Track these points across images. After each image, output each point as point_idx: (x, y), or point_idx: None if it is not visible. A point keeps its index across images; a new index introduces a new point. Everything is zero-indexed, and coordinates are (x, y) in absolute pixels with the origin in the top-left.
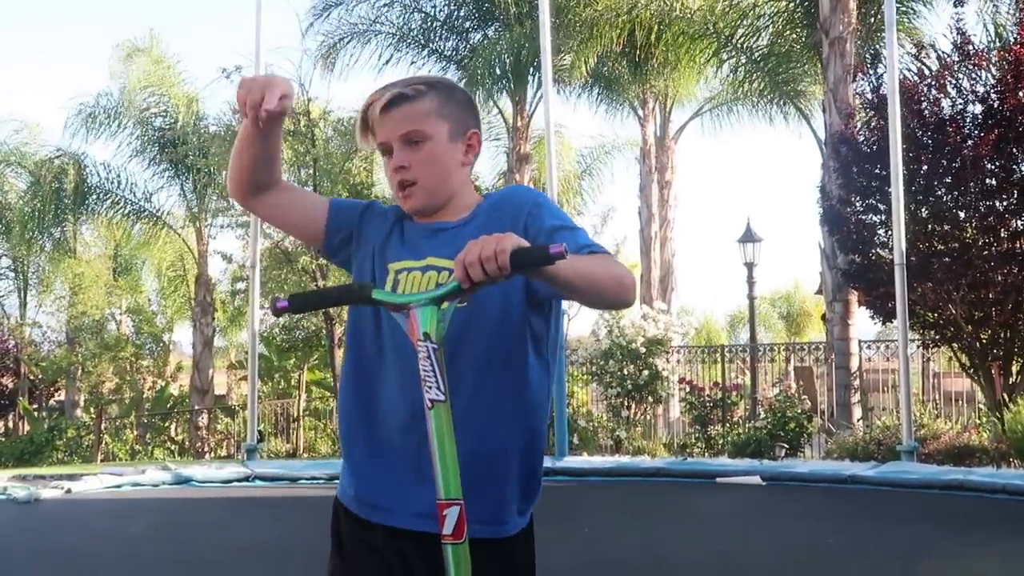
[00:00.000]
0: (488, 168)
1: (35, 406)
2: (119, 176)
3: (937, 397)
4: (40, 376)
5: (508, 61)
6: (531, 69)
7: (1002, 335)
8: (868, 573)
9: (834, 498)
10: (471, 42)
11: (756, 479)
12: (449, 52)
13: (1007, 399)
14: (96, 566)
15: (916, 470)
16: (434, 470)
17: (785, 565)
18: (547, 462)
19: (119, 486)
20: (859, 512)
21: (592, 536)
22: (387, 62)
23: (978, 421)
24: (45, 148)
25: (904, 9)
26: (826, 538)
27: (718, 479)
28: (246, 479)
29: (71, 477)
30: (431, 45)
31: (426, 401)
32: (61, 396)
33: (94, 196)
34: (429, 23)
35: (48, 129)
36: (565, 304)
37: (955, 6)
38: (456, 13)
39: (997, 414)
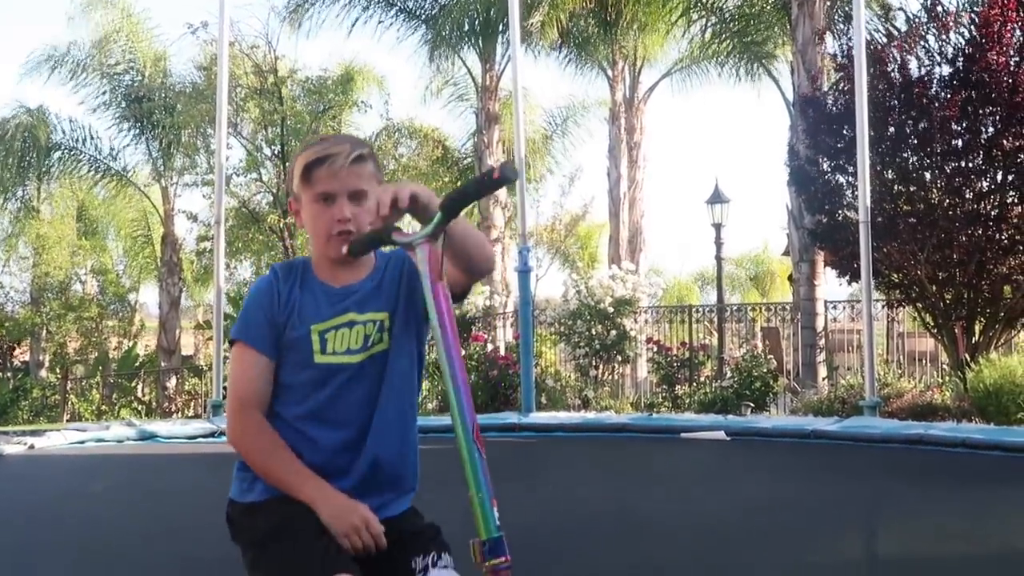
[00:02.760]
0: (458, 128)
1: (1, 366)
2: (85, 132)
3: (901, 357)
4: (4, 336)
5: (478, 19)
6: (500, 27)
7: (966, 295)
8: (829, 524)
9: (797, 452)
10: (439, 1)
11: (720, 434)
12: (417, 10)
13: (969, 359)
14: (58, 523)
15: (878, 425)
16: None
17: (747, 516)
18: (513, 418)
19: (83, 442)
20: (821, 466)
21: (558, 490)
22: (356, 21)
23: (941, 380)
24: (5, 105)
25: None
26: (788, 491)
27: (683, 434)
28: (212, 435)
29: (34, 433)
30: (399, 4)
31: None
32: (26, 356)
33: (58, 153)
34: None
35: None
36: (533, 262)
37: None
38: None
39: (960, 373)
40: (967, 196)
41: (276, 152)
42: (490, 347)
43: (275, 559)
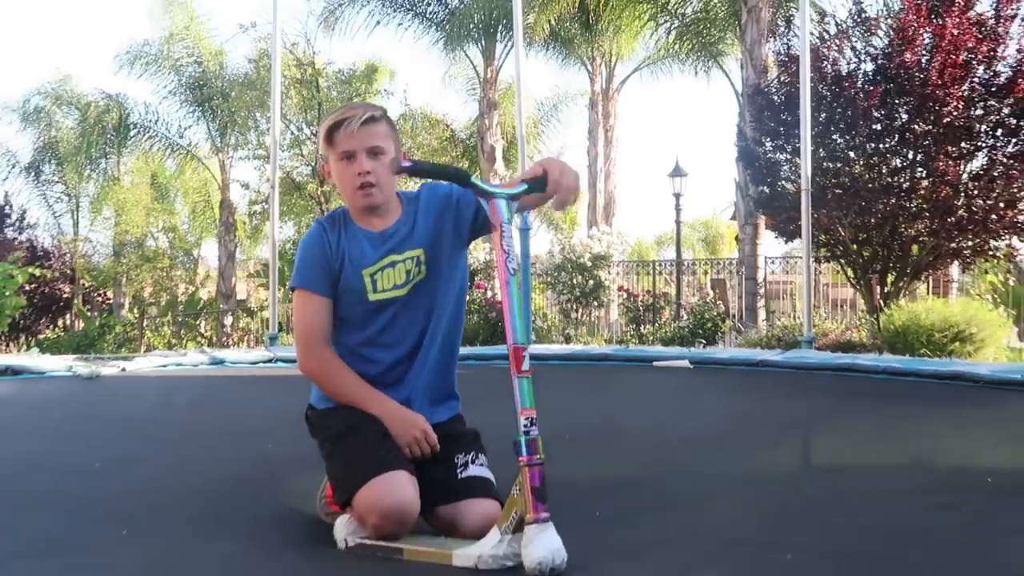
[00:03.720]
0: (462, 113)
1: (88, 308)
2: (156, 115)
3: (825, 303)
4: (92, 283)
5: (480, 22)
6: (499, 28)
7: (881, 253)
8: (776, 434)
9: (748, 377)
10: (449, 6)
11: (685, 363)
12: (430, 15)
13: (882, 305)
14: (152, 429)
15: (814, 356)
16: (510, 323)
17: (709, 426)
18: None
19: (165, 366)
20: (768, 388)
21: (552, 406)
22: (378, 23)
23: (858, 322)
24: (91, 92)
25: None
26: (742, 407)
27: (654, 363)
28: (269, 361)
29: (125, 359)
30: (415, 9)
31: (509, 269)
32: (110, 299)
33: (135, 131)
34: None
35: (88, 76)
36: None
37: None
38: None
39: (874, 317)
40: (883, 172)
41: (314, 132)
42: (489, 294)
43: (346, 451)
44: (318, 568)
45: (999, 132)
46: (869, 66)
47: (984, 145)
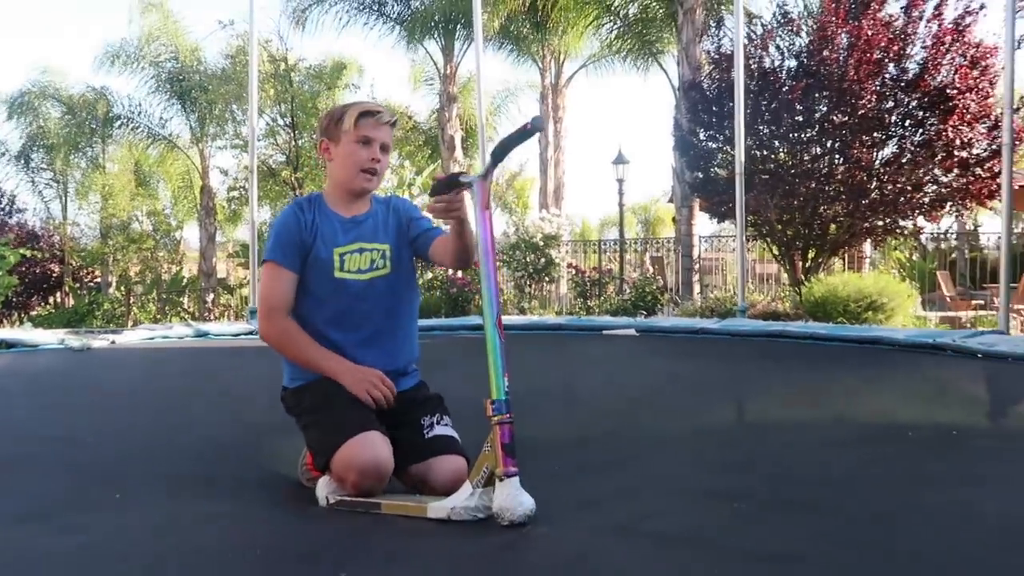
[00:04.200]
0: (423, 106)
1: (78, 286)
2: (139, 107)
3: (753, 278)
4: (81, 263)
5: (439, 21)
6: (457, 27)
7: (803, 232)
8: (716, 394)
9: (689, 343)
10: (412, 7)
11: (632, 331)
12: (395, 15)
13: (804, 278)
14: (142, 397)
15: (748, 324)
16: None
17: (655, 388)
18: (478, 320)
19: (152, 338)
20: (707, 353)
21: (512, 372)
22: (345, 23)
23: (783, 294)
24: (77, 85)
25: None
26: (685, 370)
27: (603, 331)
28: (250, 333)
29: (115, 331)
30: (380, 10)
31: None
32: (98, 278)
33: (119, 123)
34: None
35: (73, 69)
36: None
37: None
38: None
39: (796, 289)
40: (805, 158)
41: (287, 123)
42: (449, 272)
43: (321, 421)
44: (302, 524)
45: (907, 123)
46: (792, 63)
47: (894, 134)
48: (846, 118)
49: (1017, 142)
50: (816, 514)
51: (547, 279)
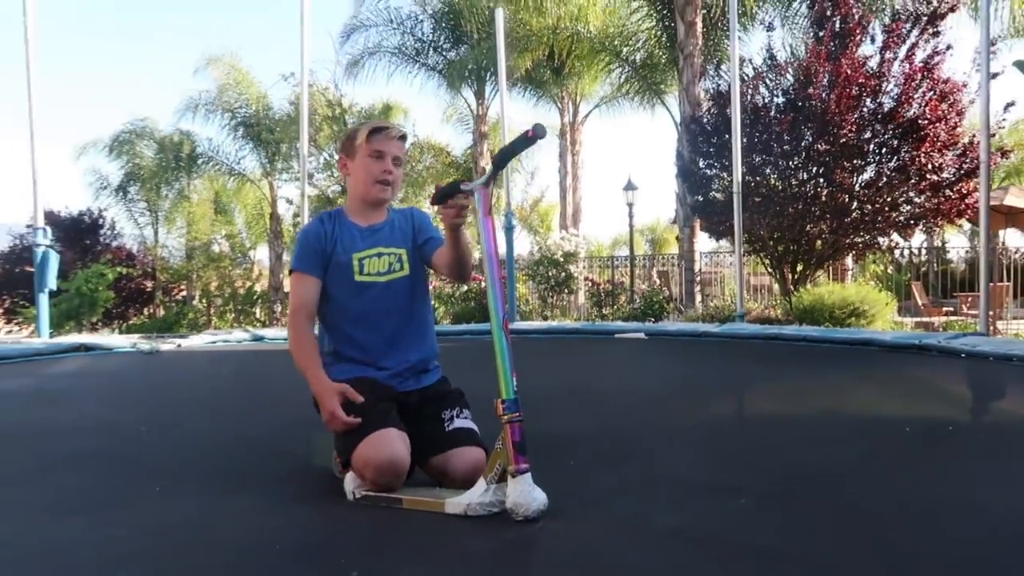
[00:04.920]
0: (458, 143)
1: (167, 299)
2: (218, 147)
3: (747, 288)
4: (169, 279)
5: (472, 70)
6: (488, 74)
7: (791, 247)
8: (719, 392)
9: (694, 346)
10: (448, 57)
11: (641, 335)
12: (433, 64)
13: (793, 289)
14: (196, 396)
15: (746, 328)
16: (498, 298)
17: (663, 387)
18: None
19: (214, 342)
20: (711, 354)
21: (532, 371)
22: (393, 72)
23: (774, 302)
24: (166, 128)
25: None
26: (690, 370)
27: (615, 335)
28: None
29: (182, 336)
30: (420, 60)
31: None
32: (183, 292)
33: (201, 160)
34: (420, 46)
35: (161, 116)
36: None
37: (767, 31)
38: (438, 37)
39: (787, 298)
40: (793, 183)
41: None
42: (483, 285)
43: None
44: (325, 520)
45: (884, 150)
46: (780, 99)
47: (872, 161)
48: (829, 146)
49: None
50: (820, 509)
51: (567, 291)
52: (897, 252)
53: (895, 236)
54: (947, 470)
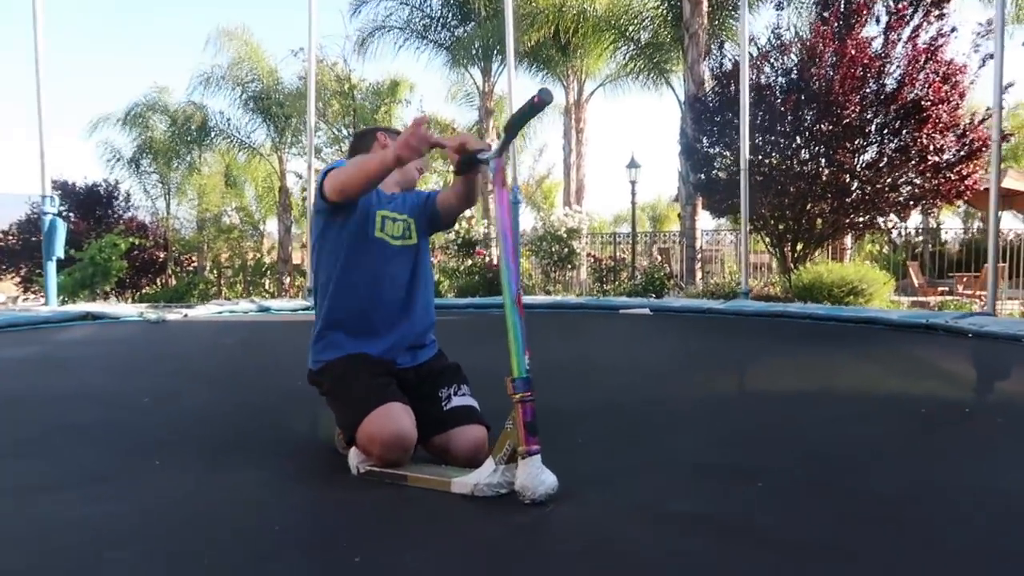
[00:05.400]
0: (463, 119)
1: (178, 269)
2: (228, 121)
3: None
4: (181, 250)
5: (479, 47)
6: (494, 52)
7: (792, 226)
8: (727, 369)
9: (698, 322)
10: (455, 34)
11: (646, 310)
12: (440, 40)
13: (793, 267)
14: (201, 366)
15: (751, 304)
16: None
17: (670, 363)
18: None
19: (220, 312)
20: (715, 330)
21: (535, 347)
22: (401, 48)
23: (775, 280)
24: (179, 101)
25: (737, 15)
26: (695, 345)
27: (620, 310)
28: (307, 308)
29: (188, 306)
30: (428, 36)
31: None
32: (195, 263)
33: (213, 133)
34: (428, 22)
35: (174, 90)
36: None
37: (776, 9)
38: (446, 13)
39: (786, 276)
40: (795, 162)
41: (350, 132)
42: (487, 259)
43: (344, 396)
44: (327, 499)
45: (886, 131)
46: (783, 80)
47: (874, 141)
48: (831, 127)
49: (984, 148)
50: (841, 494)
51: (569, 266)
52: (894, 233)
53: (892, 217)
54: (968, 454)
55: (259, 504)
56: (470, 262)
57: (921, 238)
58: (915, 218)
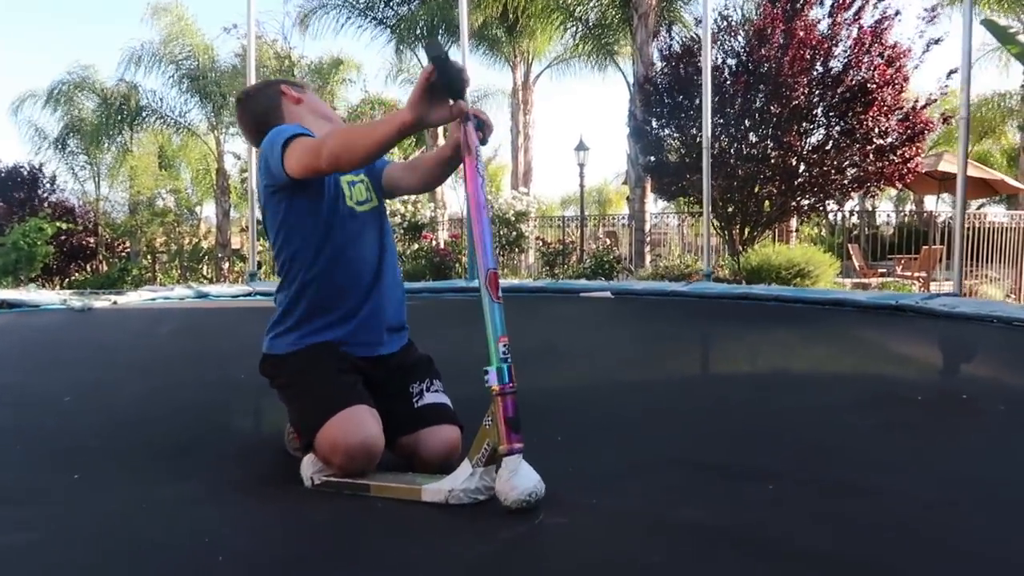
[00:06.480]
0: (404, 97)
1: (110, 255)
2: (162, 100)
3: (692, 249)
4: (112, 235)
5: (424, 26)
6: (440, 31)
7: (740, 208)
8: (702, 352)
9: (661, 305)
10: (400, 13)
11: (607, 293)
12: (385, 20)
13: (741, 249)
14: (131, 358)
15: (715, 287)
16: (481, 247)
17: (639, 349)
18: (461, 283)
19: (154, 299)
20: (678, 313)
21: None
22: (343, 26)
23: (723, 263)
24: (110, 79)
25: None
26: (659, 329)
27: (581, 294)
28: (248, 294)
29: (117, 292)
30: (372, 14)
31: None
32: (128, 248)
33: (145, 113)
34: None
35: (102, 67)
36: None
37: None
38: None
39: (735, 258)
40: (743, 145)
41: None
42: (434, 243)
43: (302, 394)
44: (279, 510)
45: (832, 114)
46: (732, 61)
47: (821, 124)
48: (780, 109)
49: (928, 131)
50: (862, 497)
51: (518, 250)
52: (832, 215)
53: (832, 201)
54: (977, 445)
55: (196, 524)
56: (416, 246)
57: (857, 221)
58: (851, 201)
